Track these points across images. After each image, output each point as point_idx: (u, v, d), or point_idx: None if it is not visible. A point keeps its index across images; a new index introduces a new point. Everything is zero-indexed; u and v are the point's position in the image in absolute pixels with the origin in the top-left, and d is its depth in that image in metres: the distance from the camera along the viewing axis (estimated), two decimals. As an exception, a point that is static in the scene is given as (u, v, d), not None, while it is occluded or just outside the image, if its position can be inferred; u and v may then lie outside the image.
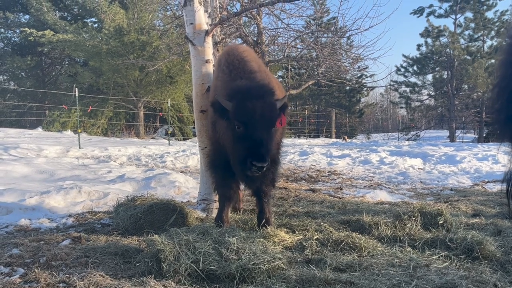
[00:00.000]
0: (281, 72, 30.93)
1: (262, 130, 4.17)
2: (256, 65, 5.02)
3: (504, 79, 2.43)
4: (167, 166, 12.35)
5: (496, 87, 2.51)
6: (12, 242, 4.49)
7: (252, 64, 4.99)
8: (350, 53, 15.05)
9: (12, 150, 12.54)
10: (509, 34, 2.50)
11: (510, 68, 2.35)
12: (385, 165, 13.05)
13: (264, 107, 4.21)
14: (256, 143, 4.10)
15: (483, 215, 5.98)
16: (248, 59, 5.03)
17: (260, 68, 5.10)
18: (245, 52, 5.17)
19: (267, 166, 4.09)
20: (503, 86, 2.44)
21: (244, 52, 5.16)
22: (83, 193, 6.92)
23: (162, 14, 26.42)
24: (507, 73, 2.40)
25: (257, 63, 5.20)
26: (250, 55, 5.19)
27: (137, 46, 26.18)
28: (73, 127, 25.38)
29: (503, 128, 2.48)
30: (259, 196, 5.17)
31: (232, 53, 5.09)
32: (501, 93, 2.45)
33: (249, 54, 5.19)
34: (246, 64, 4.91)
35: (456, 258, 4.00)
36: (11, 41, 34.21)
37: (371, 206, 6.83)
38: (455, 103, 34.03)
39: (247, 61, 4.97)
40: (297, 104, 40.80)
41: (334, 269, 3.69)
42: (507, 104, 2.39)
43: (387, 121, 68.99)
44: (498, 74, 2.55)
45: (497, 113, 2.50)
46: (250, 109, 4.16)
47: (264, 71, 5.22)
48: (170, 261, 3.51)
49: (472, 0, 33.34)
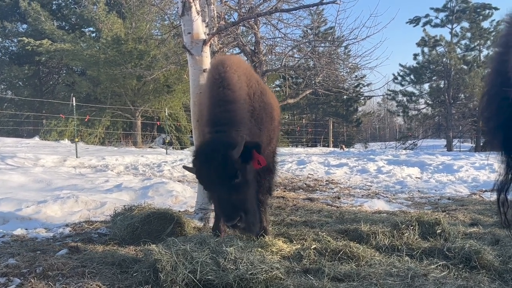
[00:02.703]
0: (279, 82, 31.07)
1: (220, 191, 3.95)
2: (237, 88, 4.42)
3: (494, 87, 2.44)
4: (164, 175, 12.33)
5: (486, 95, 2.52)
6: (9, 252, 4.47)
7: (232, 88, 4.38)
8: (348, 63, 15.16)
9: (9, 160, 12.51)
10: (498, 43, 2.51)
11: (500, 77, 2.36)
12: (383, 174, 13.05)
13: (211, 169, 3.88)
14: (220, 205, 4.03)
15: (481, 224, 5.98)
16: (230, 81, 4.40)
17: (240, 92, 4.46)
18: (228, 70, 4.50)
19: (240, 221, 3.90)
20: (492, 94, 2.44)
21: (228, 70, 4.49)
22: (80, 202, 6.90)
23: (160, 24, 26.58)
24: (496, 81, 2.41)
25: (240, 84, 4.53)
26: (234, 73, 4.54)
27: (135, 55, 26.24)
28: (71, 136, 25.35)
29: (492, 136, 2.48)
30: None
31: (217, 70, 4.51)
32: (491, 101, 2.46)
33: (233, 71, 4.54)
34: (225, 90, 4.33)
35: (454, 267, 3.99)
36: (8, 50, 34.23)
37: (369, 215, 6.82)
38: (452, 112, 34.14)
39: (228, 85, 4.37)
40: (295, 113, 40.86)
41: (332, 279, 3.68)
42: (497, 112, 2.39)
43: (384, 130, 69.14)
44: (488, 83, 2.55)
45: (487, 122, 2.50)
46: (201, 174, 4.05)
47: (245, 95, 4.61)
48: (168, 271, 3.49)
49: (468, 10, 33.54)
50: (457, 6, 34.15)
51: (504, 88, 2.25)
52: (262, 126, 4.71)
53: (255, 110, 4.65)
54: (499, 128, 2.39)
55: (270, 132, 4.95)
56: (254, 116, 4.61)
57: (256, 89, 4.80)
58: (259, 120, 4.67)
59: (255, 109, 4.65)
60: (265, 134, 4.77)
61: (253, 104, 4.65)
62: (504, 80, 2.28)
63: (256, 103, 4.70)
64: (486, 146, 11.81)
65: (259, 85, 4.98)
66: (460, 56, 33.79)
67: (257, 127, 4.61)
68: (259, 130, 4.63)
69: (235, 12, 13.19)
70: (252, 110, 4.60)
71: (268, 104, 4.93)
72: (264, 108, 4.81)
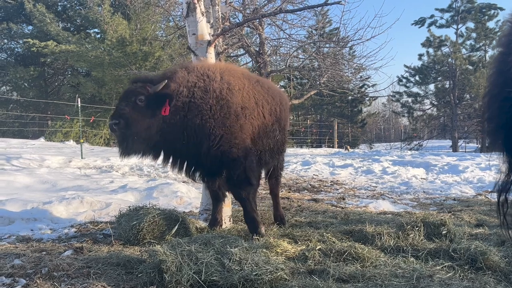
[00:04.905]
0: (283, 82, 31.01)
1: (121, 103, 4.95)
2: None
3: (495, 87, 2.42)
4: (169, 176, 12.34)
5: (487, 95, 2.49)
6: (14, 253, 4.48)
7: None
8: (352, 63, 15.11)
9: (15, 161, 12.55)
10: (500, 43, 2.49)
11: (501, 77, 2.34)
12: (388, 175, 13.02)
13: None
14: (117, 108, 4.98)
15: (486, 225, 5.96)
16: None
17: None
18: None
19: (117, 126, 4.81)
20: (494, 94, 2.42)
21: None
22: (85, 203, 6.91)
23: (165, 25, 26.60)
24: (498, 81, 2.39)
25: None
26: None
27: (140, 56, 26.30)
28: (76, 137, 25.42)
29: (494, 137, 2.46)
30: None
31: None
32: (492, 101, 2.43)
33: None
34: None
35: (459, 268, 3.97)
36: (14, 51, 34.40)
37: (374, 216, 6.81)
38: (458, 113, 34.05)
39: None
40: (299, 114, 40.84)
41: (337, 280, 3.67)
42: (498, 112, 2.37)
43: (389, 130, 68.98)
44: (489, 82, 2.54)
45: (488, 122, 2.48)
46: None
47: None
48: (172, 271, 3.49)
49: (474, 10, 33.46)
50: (462, 6, 34.11)
51: (506, 89, 2.23)
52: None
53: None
54: (501, 128, 2.38)
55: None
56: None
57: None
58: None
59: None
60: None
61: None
62: (506, 80, 2.27)
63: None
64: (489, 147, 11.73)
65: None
66: (466, 56, 33.72)
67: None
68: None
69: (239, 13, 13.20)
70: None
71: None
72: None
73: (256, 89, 5.58)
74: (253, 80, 5.74)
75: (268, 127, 5.59)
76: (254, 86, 5.60)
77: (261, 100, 5.55)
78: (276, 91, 6.16)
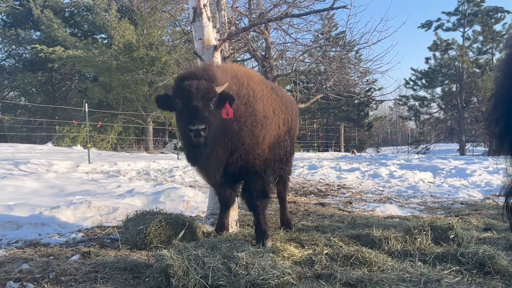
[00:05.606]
0: (290, 86, 31.03)
1: (197, 105, 4.22)
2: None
3: (502, 89, 2.40)
4: (176, 180, 12.36)
5: (494, 97, 2.48)
6: (22, 257, 4.50)
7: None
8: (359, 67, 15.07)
9: (23, 165, 12.63)
10: (507, 44, 2.48)
11: (508, 79, 2.33)
12: (395, 179, 12.98)
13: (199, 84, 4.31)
14: (192, 112, 4.20)
15: (494, 229, 5.91)
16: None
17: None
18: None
19: (203, 132, 4.11)
20: (501, 97, 2.40)
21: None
22: (93, 208, 6.93)
23: (171, 30, 26.73)
24: (505, 83, 2.38)
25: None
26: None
27: (146, 61, 26.42)
28: (83, 142, 25.56)
29: (500, 139, 2.44)
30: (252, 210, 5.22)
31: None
32: (499, 103, 2.42)
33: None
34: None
35: (467, 273, 3.95)
36: (22, 57, 34.70)
37: (381, 220, 6.78)
38: (465, 116, 33.92)
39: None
40: (306, 118, 40.82)
41: (344, 284, 3.66)
42: (505, 115, 2.36)
43: (396, 134, 68.81)
44: (496, 85, 2.52)
45: (494, 124, 2.46)
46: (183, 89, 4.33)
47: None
48: (179, 276, 3.50)
49: (480, 13, 33.37)
50: (469, 9, 34.02)
51: None
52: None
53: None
54: (507, 130, 2.36)
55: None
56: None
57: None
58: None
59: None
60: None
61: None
62: None
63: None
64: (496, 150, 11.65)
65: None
66: (473, 59, 33.59)
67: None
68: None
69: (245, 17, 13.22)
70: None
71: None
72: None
73: (272, 97, 5.33)
74: (269, 87, 5.50)
75: (281, 137, 5.41)
76: (271, 93, 5.35)
77: (277, 110, 5.32)
78: (289, 100, 5.98)
